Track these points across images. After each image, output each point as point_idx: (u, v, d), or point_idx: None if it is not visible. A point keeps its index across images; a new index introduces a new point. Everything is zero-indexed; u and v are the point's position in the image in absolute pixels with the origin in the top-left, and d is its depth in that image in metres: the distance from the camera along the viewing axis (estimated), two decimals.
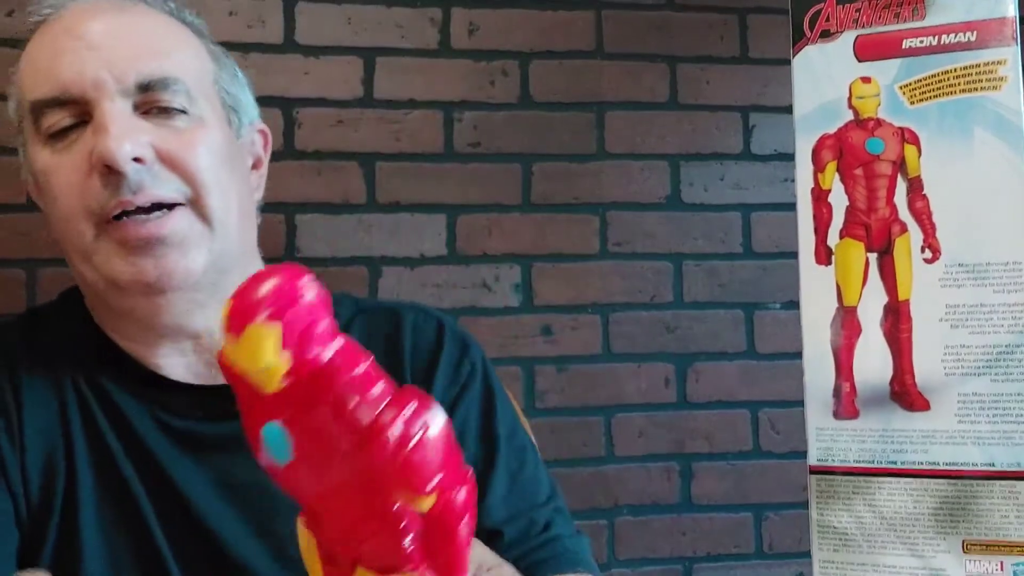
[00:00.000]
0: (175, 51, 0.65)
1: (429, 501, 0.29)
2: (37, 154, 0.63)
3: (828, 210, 0.45)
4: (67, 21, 0.64)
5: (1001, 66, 0.43)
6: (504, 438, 0.71)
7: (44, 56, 0.64)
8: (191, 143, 0.63)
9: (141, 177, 0.59)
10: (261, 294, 0.27)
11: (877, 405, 0.44)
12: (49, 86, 0.62)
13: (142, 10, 0.66)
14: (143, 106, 0.62)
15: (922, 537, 0.43)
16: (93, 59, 0.61)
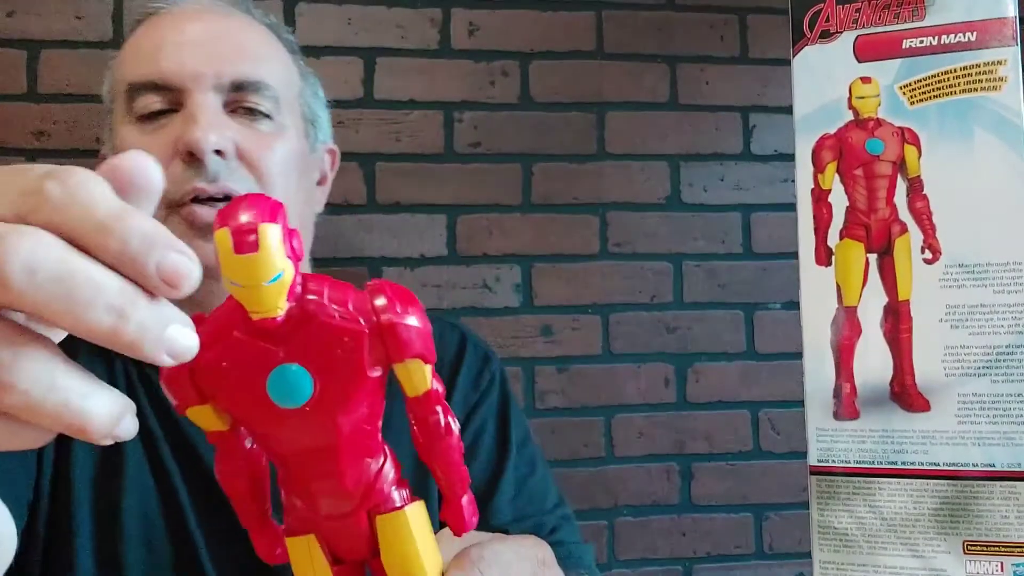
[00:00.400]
0: (269, 60, 0.70)
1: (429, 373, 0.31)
2: (125, 132, 0.67)
3: (828, 210, 0.45)
4: (176, 17, 0.69)
5: (1001, 66, 0.43)
6: (516, 445, 0.75)
7: (149, 44, 0.67)
8: (270, 146, 0.66)
9: (219, 169, 0.63)
10: (257, 203, 0.26)
11: (877, 406, 0.44)
12: (149, 70, 0.65)
13: (245, 19, 0.71)
14: (232, 104, 0.66)
15: (922, 538, 0.43)
16: (194, 53, 0.65)
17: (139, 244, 0.23)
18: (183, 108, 0.65)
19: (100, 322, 0.23)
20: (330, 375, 0.28)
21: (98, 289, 0.23)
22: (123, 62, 0.70)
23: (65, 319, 0.23)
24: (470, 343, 0.78)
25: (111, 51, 1.12)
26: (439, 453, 0.33)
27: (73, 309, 0.23)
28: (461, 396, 0.75)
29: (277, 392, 0.27)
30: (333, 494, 0.31)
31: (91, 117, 1.11)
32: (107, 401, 0.24)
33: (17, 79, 1.10)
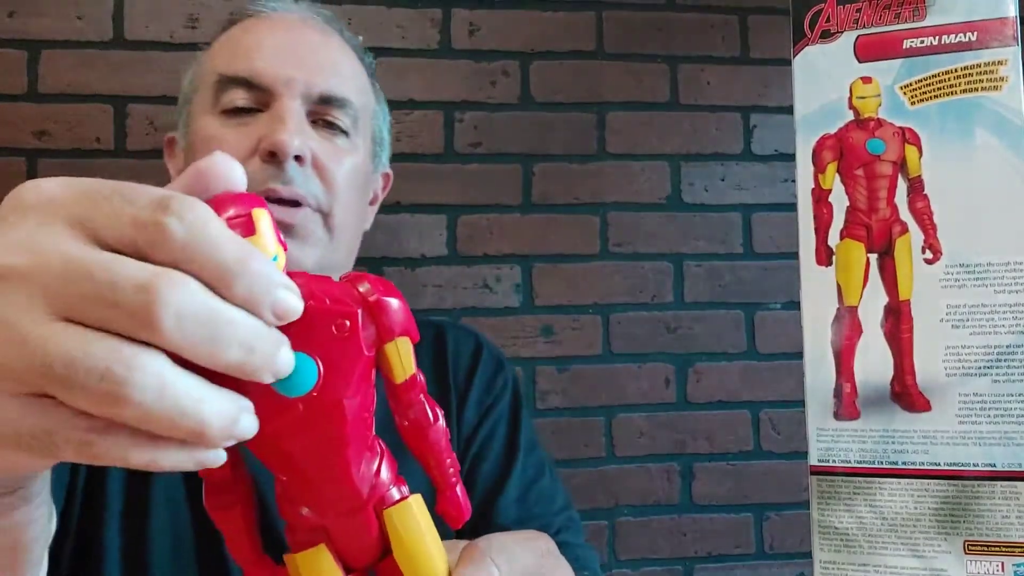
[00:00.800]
0: (354, 80, 0.73)
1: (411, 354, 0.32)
2: (207, 122, 0.69)
3: (828, 210, 0.45)
4: (275, 23, 0.72)
5: (1002, 66, 0.43)
6: (524, 448, 0.77)
7: (248, 42, 0.70)
8: (341, 161, 0.69)
9: (295, 174, 0.65)
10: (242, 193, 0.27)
11: (878, 405, 0.44)
12: (243, 67, 0.67)
13: (338, 39, 0.74)
14: (314, 115, 0.68)
15: (923, 538, 0.43)
16: (290, 59, 0.68)
17: (261, 288, 0.26)
18: (269, 109, 0.66)
19: (233, 358, 0.25)
20: (332, 357, 0.28)
21: (234, 330, 0.25)
22: (215, 55, 0.72)
23: (203, 357, 0.25)
24: (485, 349, 0.81)
25: (111, 51, 1.13)
26: (430, 441, 0.33)
27: (213, 350, 0.24)
28: (475, 399, 0.77)
29: (282, 382, 0.27)
30: (342, 490, 0.31)
31: (91, 117, 1.11)
32: (222, 403, 0.25)
33: (17, 79, 1.10)
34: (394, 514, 0.32)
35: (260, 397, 0.27)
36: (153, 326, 0.23)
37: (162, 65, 1.13)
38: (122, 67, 1.12)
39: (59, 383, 0.23)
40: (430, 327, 0.80)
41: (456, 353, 0.79)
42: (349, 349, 0.29)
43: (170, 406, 0.24)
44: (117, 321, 0.23)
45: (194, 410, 0.24)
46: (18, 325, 0.24)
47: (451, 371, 0.77)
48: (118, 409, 0.23)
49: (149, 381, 0.23)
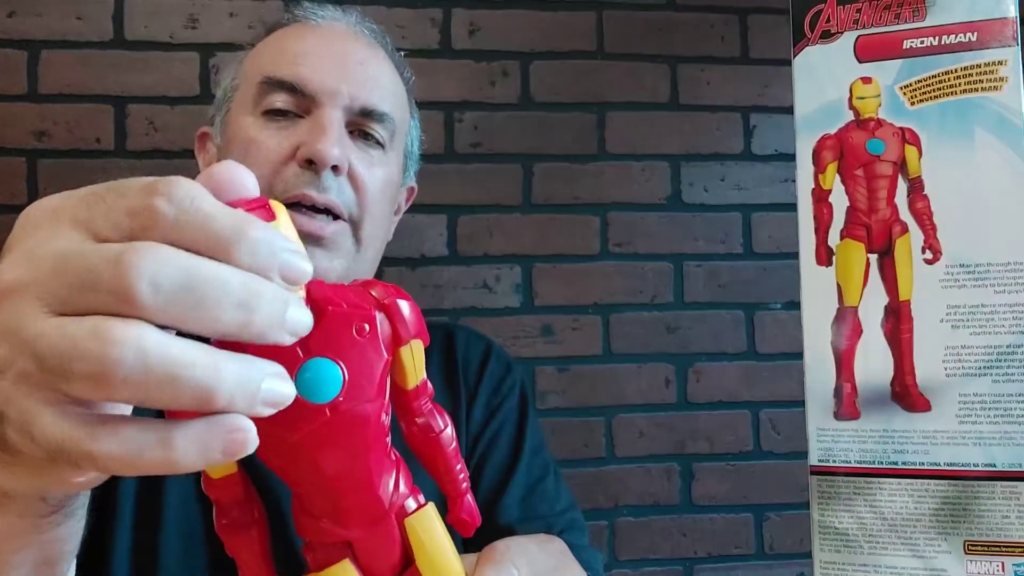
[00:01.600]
0: (395, 95, 0.74)
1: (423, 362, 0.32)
2: (246, 123, 0.69)
3: (829, 210, 0.45)
4: (324, 32, 0.73)
5: (1002, 67, 0.43)
6: (529, 449, 0.78)
7: (295, 48, 0.71)
8: (376, 173, 0.70)
9: (330, 183, 0.66)
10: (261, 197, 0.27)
11: (878, 406, 0.44)
12: (289, 71, 0.68)
13: (383, 54, 0.75)
14: (352, 126, 0.69)
15: (923, 538, 0.43)
16: (335, 70, 0.69)
17: (264, 252, 0.25)
18: (309, 116, 0.67)
19: (230, 321, 0.24)
20: (355, 361, 0.28)
21: (223, 290, 0.24)
22: (260, 56, 0.72)
23: (196, 325, 0.24)
24: (494, 352, 0.83)
25: (111, 51, 1.13)
26: (441, 449, 0.33)
27: (204, 315, 0.23)
28: (483, 400, 0.78)
29: (309, 388, 0.27)
30: (366, 499, 0.30)
31: (91, 117, 1.11)
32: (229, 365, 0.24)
33: (18, 79, 1.10)
34: (415, 522, 0.32)
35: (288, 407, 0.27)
36: (129, 297, 0.23)
37: (162, 65, 1.13)
38: (122, 67, 1.12)
39: (55, 374, 0.23)
40: (440, 329, 0.80)
41: (466, 355, 0.80)
42: (371, 352, 0.29)
43: (160, 372, 0.23)
44: (100, 302, 0.23)
45: (190, 374, 0.23)
46: (20, 329, 0.24)
47: (460, 373, 0.78)
48: (110, 388, 0.23)
49: (129, 352, 0.23)
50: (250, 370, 0.24)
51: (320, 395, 0.27)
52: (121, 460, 0.24)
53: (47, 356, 0.23)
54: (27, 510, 0.31)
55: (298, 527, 0.31)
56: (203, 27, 1.14)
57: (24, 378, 0.24)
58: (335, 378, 0.28)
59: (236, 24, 1.14)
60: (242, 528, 0.31)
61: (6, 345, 0.24)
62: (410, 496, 0.32)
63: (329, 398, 0.28)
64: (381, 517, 0.31)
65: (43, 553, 0.34)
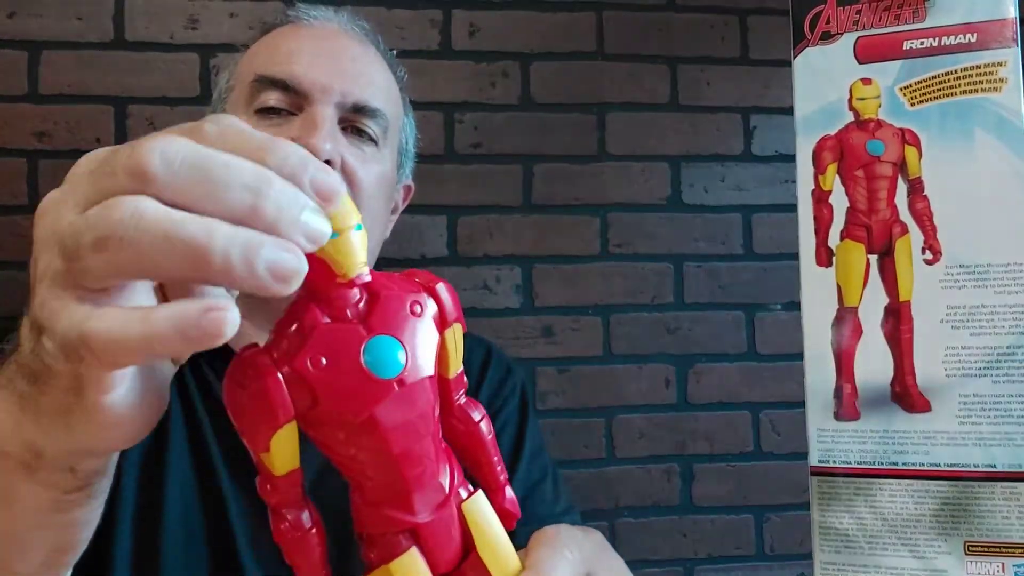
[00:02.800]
0: (387, 92, 0.74)
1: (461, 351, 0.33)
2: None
3: (829, 211, 0.45)
4: (316, 31, 0.74)
5: (1001, 67, 0.43)
6: (528, 451, 0.79)
7: (288, 47, 0.72)
8: (370, 169, 0.70)
9: None
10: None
11: (878, 406, 0.44)
12: (281, 69, 0.69)
13: (374, 52, 0.76)
14: (345, 122, 0.69)
15: (923, 538, 0.43)
16: (327, 67, 0.69)
17: (297, 161, 0.26)
18: (302, 113, 0.68)
19: (240, 201, 0.24)
20: (414, 339, 0.29)
21: (234, 170, 0.24)
22: (254, 56, 0.73)
23: (206, 202, 0.24)
24: (495, 356, 0.83)
25: (112, 52, 1.13)
26: (481, 440, 0.34)
27: (212, 191, 0.24)
28: (484, 403, 0.78)
29: (376, 363, 0.28)
30: (431, 480, 0.31)
31: (92, 118, 1.11)
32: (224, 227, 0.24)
33: (18, 80, 1.10)
34: (472, 507, 0.32)
35: (358, 384, 0.28)
36: (141, 172, 0.24)
37: (162, 65, 1.13)
38: (122, 67, 1.12)
39: (72, 256, 0.24)
40: None
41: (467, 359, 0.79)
42: (425, 328, 0.30)
43: (152, 230, 0.23)
44: (119, 186, 0.24)
45: (181, 231, 0.23)
46: (56, 229, 0.25)
47: None
48: (109, 252, 0.24)
49: (126, 213, 0.23)
50: (246, 233, 0.24)
51: (387, 370, 0.28)
52: (109, 340, 0.24)
53: (67, 240, 0.24)
54: (55, 480, 0.31)
55: (358, 521, 0.31)
56: (203, 28, 1.14)
57: (56, 277, 0.25)
58: (399, 353, 0.29)
59: (236, 24, 1.14)
60: (302, 534, 0.31)
61: (46, 251, 0.26)
62: (462, 484, 0.33)
63: (396, 373, 0.28)
64: (444, 501, 0.31)
65: (59, 538, 0.34)
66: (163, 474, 0.66)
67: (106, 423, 0.27)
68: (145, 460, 0.66)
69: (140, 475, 0.66)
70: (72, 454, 0.30)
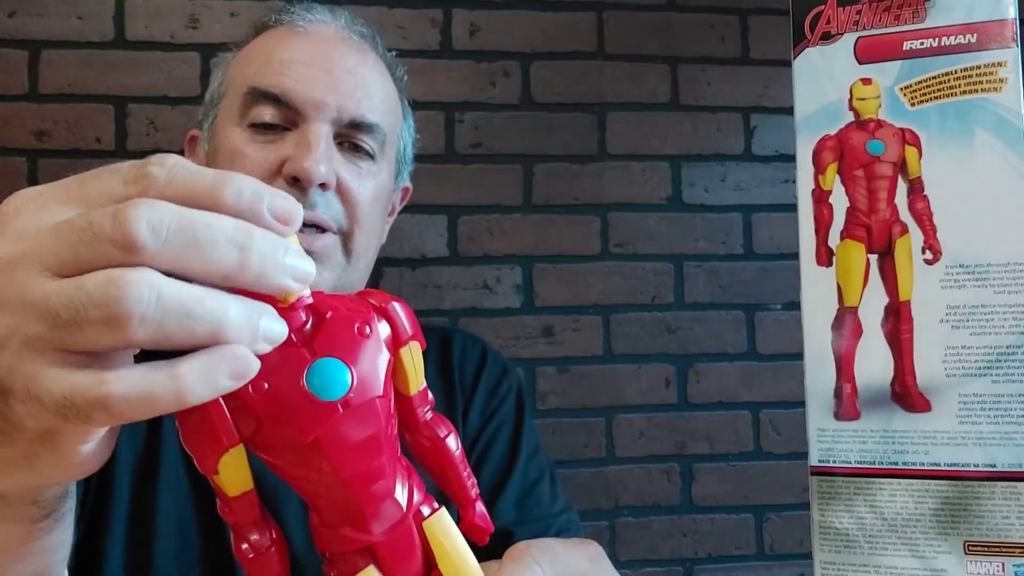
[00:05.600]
0: (385, 103, 0.72)
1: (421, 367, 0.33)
2: (233, 135, 0.67)
3: (829, 211, 0.45)
4: (311, 37, 0.70)
5: (1001, 68, 0.43)
6: (525, 452, 0.78)
7: (281, 56, 0.68)
8: (365, 186, 0.68)
9: (318, 199, 0.65)
10: None
11: (878, 406, 0.44)
12: (274, 82, 0.66)
13: (373, 58, 0.73)
14: (340, 137, 0.67)
15: (923, 538, 0.43)
16: (322, 80, 0.66)
17: (251, 195, 0.26)
18: (296, 129, 0.66)
19: (227, 258, 0.25)
20: (360, 360, 0.29)
21: (217, 229, 0.25)
22: (247, 63, 0.70)
23: (196, 265, 0.25)
24: (490, 355, 0.82)
25: (112, 51, 1.13)
26: (448, 456, 0.33)
27: (200, 254, 0.25)
28: (480, 404, 0.78)
29: (320, 387, 0.28)
30: (384, 500, 0.31)
31: (92, 117, 1.11)
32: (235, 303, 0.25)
33: (18, 79, 1.10)
34: (433, 525, 0.32)
35: (301, 407, 0.27)
36: (132, 244, 0.24)
37: (162, 65, 1.13)
38: (122, 67, 1.12)
39: (69, 327, 0.24)
40: (436, 334, 0.80)
41: (462, 359, 0.79)
42: (374, 349, 0.30)
43: (174, 309, 0.24)
44: (102, 255, 0.24)
45: (202, 308, 0.24)
46: (26, 295, 0.25)
47: (457, 377, 0.77)
48: (127, 330, 0.24)
49: (144, 292, 0.24)
50: (252, 307, 0.26)
51: (331, 392, 0.28)
52: (135, 400, 0.24)
53: (60, 311, 0.24)
54: (21, 515, 0.31)
55: (318, 541, 0.32)
56: (204, 27, 1.14)
57: (30, 343, 0.25)
58: (344, 375, 0.28)
59: (237, 24, 1.14)
60: (262, 552, 0.31)
61: (8, 315, 0.25)
62: (424, 502, 0.32)
63: (340, 395, 0.28)
64: (400, 519, 0.31)
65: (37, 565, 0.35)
66: (156, 483, 0.65)
67: (74, 463, 0.27)
68: (138, 469, 0.65)
69: (133, 484, 0.65)
70: (35, 489, 0.30)
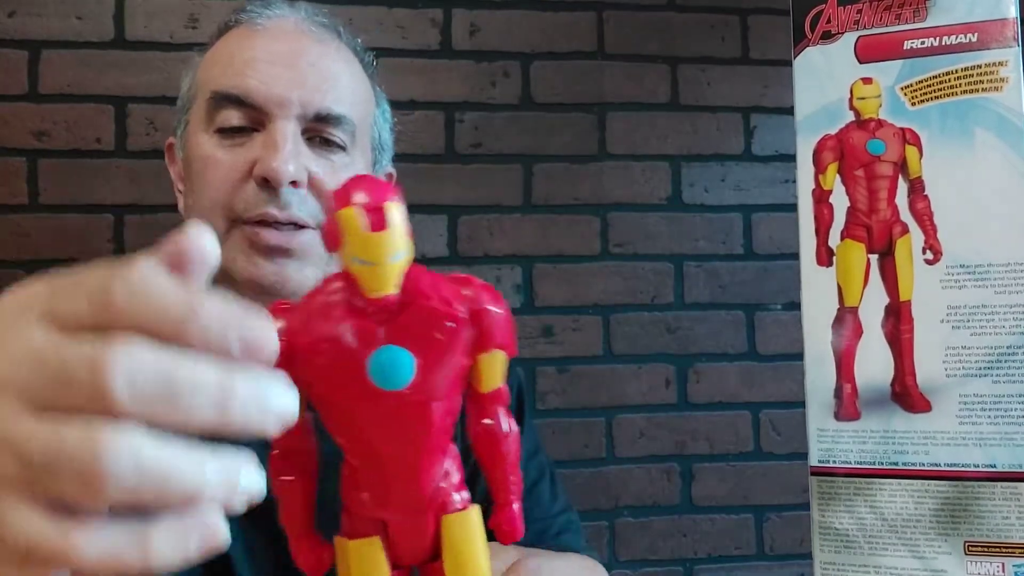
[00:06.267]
0: (352, 92, 0.70)
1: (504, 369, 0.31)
2: (203, 141, 0.67)
3: (829, 211, 0.45)
4: (270, 34, 0.69)
5: (1002, 67, 0.43)
6: (525, 452, 0.77)
7: (240, 56, 0.67)
8: (338, 178, 0.66)
9: (291, 198, 0.64)
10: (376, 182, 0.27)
11: (878, 406, 0.44)
12: (235, 84, 0.65)
13: (336, 46, 0.71)
14: (309, 132, 0.66)
15: (923, 538, 0.43)
16: (283, 77, 0.65)
17: (218, 328, 0.24)
18: (264, 129, 0.65)
19: (207, 413, 0.24)
20: (431, 358, 0.28)
21: (197, 389, 0.24)
22: (210, 66, 0.70)
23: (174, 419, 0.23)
24: None
25: (112, 51, 1.13)
26: (501, 454, 0.33)
27: (178, 408, 0.23)
28: None
29: (379, 373, 0.27)
30: (409, 489, 0.30)
31: (92, 117, 1.11)
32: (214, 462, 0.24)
33: (18, 79, 1.10)
34: (452, 521, 0.32)
35: (354, 381, 0.27)
36: (110, 400, 0.23)
37: (162, 65, 1.13)
38: (122, 67, 1.12)
39: (42, 475, 0.23)
40: None
41: None
42: (448, 353, 0.29)
43: (152, 474, 0.23)
44: (80, 402, 0.23)
45: (179, 473, 0.23)
46: (5, 430, 0.24)
47: None
48: (101, 490, 0.23)
49: (123, 455, 0.22)
50: (230, 465, 0.24)
51: (388, 382, 0.27)
52: (97, 562, 0.23)
53: (35, 458, 0.23)
54: None
55: (343, 492, 0.31)
56: (203, 27, 1.14)
57: (6, 482, 0.24)
58: (405, 369, 0.27)
59: None
60: (291, 475, 0.31)
61: None
62: (456, 493, 0.32)
63: (396, 388, 0.27)
64: (420, 510, 0.31)
65: None
66: None
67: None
68: None
69: None
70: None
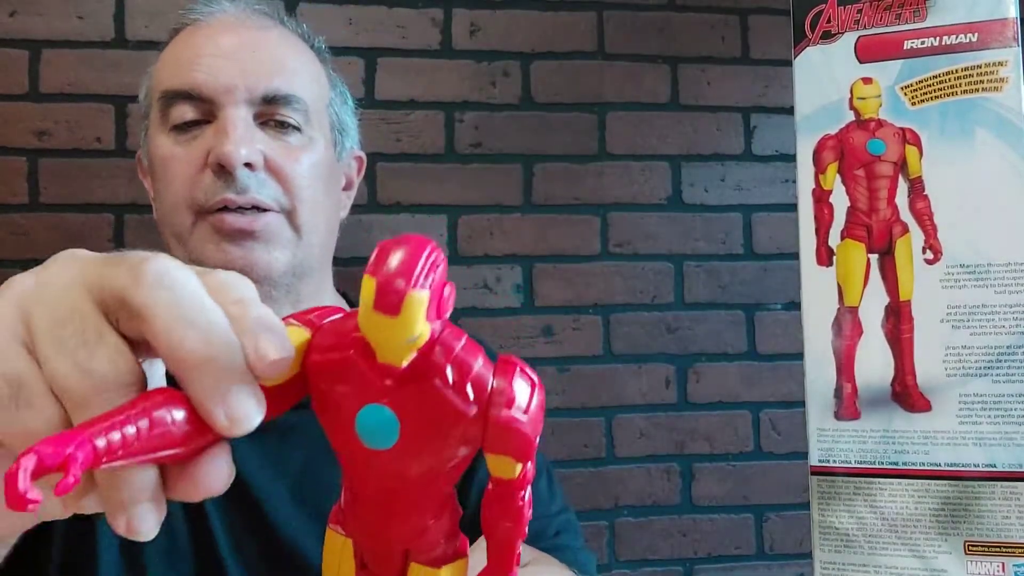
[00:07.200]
0: (301, 73, 0.71)
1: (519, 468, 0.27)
2: (161, 141, 0.68)
3: (829, 211, 0.45)
4: (212, 28, 0.70)
5: (1002, 67, 0.43)
6: None
7: (185, 54, 0.69)
8: (298, 159, 0.68)
9: (248, 182, 0.65)
10: (415, 261, 0.24)
11: (878, 406, 0.44)
12: (183, 80, 0.67)
13: (279, 31, 0.72)
14: (262, 116, 0.67)
15: (923, 538, 0.43)
16: (228, 67, 0.67)
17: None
18: (215, 120, 0.66)
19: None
20: (421, 436, 0.26)
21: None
22: (160, 70, 0.71)
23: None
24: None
25: (112, 51, 1.13)
26: (503, 532, 0.30)
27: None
28: None
29: (364, 428, 0.26)
30: (377, 533, 0.30)
31: (92, 117, 1.11)
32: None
33: (18, 79, 1.10)
34: (418, 572, 0.30)
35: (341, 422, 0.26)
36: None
37: None
38: (122, 67, 1.12)
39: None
40: None
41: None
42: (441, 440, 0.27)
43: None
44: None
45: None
46: None
47: None
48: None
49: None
50: None
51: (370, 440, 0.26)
52: None
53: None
54: None
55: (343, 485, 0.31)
56: None
57: None
58: (388, 435, 0.26)
59: None
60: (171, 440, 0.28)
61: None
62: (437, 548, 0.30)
63: (376, 448, 0.26)
64: (388, 553, 0.30)
65: None
66: None
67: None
68: None
69: None
70: None
